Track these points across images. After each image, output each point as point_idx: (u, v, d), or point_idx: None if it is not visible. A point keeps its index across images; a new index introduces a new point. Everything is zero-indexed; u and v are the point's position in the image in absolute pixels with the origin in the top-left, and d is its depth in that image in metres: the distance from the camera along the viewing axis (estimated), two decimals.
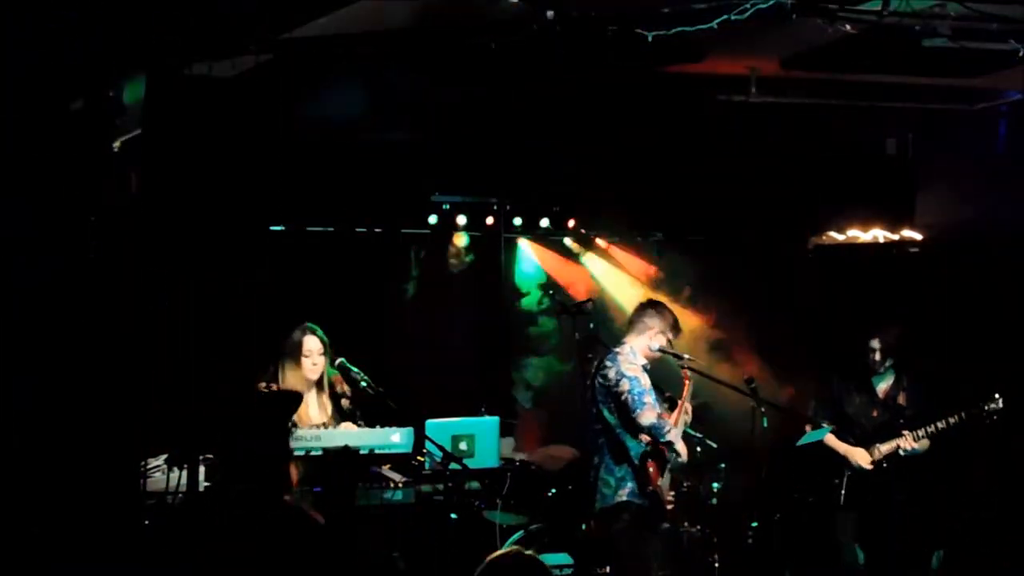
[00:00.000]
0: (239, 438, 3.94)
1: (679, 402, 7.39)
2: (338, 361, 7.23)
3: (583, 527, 7.71)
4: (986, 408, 7.69)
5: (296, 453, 6.86)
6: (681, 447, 7.25)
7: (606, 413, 7.22)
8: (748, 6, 6.05)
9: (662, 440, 7.13)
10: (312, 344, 7.27)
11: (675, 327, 7.47)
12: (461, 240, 9.33)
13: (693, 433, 7.87)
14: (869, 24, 6.43)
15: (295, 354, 7.26)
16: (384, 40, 6.97)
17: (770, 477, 8.88)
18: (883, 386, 7.96)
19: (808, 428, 7.99)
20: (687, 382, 7.37)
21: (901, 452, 7.71)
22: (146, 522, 6.46)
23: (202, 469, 6.55)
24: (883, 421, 7.85)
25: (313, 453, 6.88)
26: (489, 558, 3.83)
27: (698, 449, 8.21)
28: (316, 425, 7.17)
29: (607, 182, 9.08)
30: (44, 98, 6.07)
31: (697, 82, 8.02)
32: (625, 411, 7.13)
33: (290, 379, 7.24)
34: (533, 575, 3.80)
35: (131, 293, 6.32)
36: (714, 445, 8.32)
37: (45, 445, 5.94)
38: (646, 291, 9.13)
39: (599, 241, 9.74)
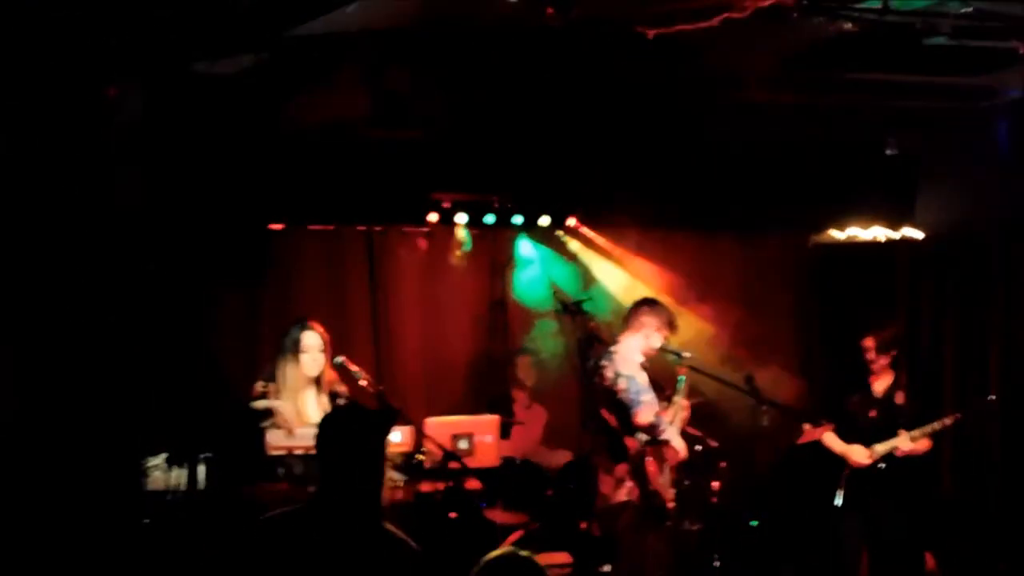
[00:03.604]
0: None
1: (674, 399, 7.40)
2: (337, 360, 7.22)
3: (583, 526, 7.71)
4: (983, 408, 7.69)
5: (296, 452, 6.87)
6: (680, 444, 7.25)
7: (604, 412, 7.22)
8: (748, 6, 6.05)
9: (659, 439, 7.14)
10: (311, 340, 7.26)
11: (671, 324, 7.47)
12: (461, 238, 9.32)
13: (693, 433, 7.88)
14: (870, 23, 6.43)
15: (294, 350, 7.25)
16: (384, 39, 6.97)
17: (770, 477, 8.89)
18: (881, 385, 7.96)
19: (807, 427, 7.99)
20: (684, 380, 7.37)
21: (899, 452, 7.70)
22: (146, 522, 6.47)
23: (202, 469, 6.56)
24: (881, 421, 7.85)
25: (313, 452, 6.86)
26: (484, 559, 3.82)
27: (698, 447, 8.21)
28: (315, 424, 7.16)
29: (607, 180, 9.07)
30: (44, 98, 6.08)
31: (697, 82, 8.01)
32: (623, 410, 7.13)
33: (289, 376, 7.23)
34: (528, 575, 3.79)
35: (131, 292, 6.32)
36: (714, 444, 8.32)
37: (45, 445, 5.95)
38: (646, 289, 9.12)
39: (599, 239, 9.73)
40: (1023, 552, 8.40)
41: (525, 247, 9.61)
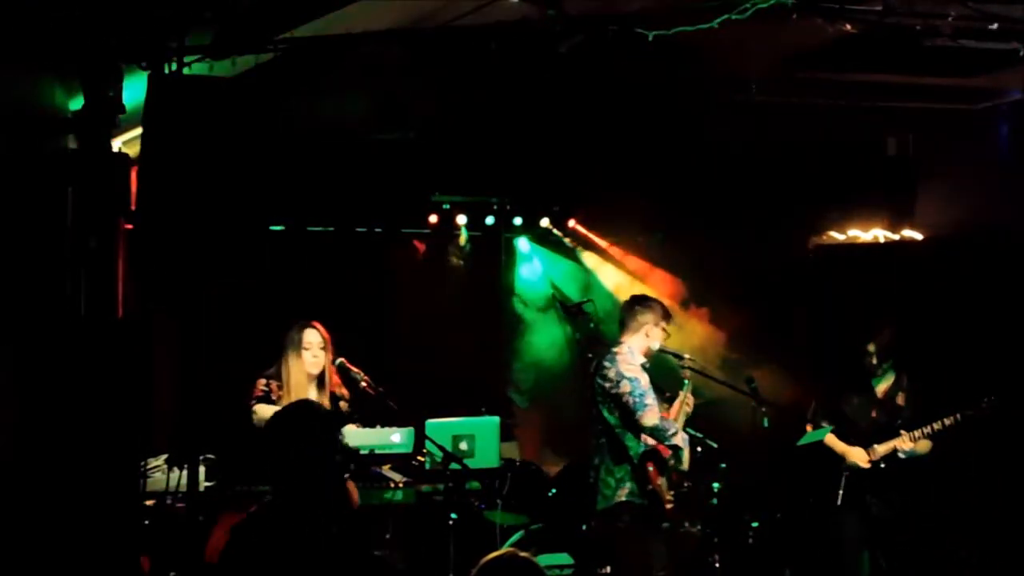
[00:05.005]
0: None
1: (676, 402, 7.39)
2: (337, 361, 7.22)
3: (583, 527, 7.71)
4: (983, 409, 7.68)
5: None
6: (686, 456, 7.23)
7: (606, 413, 7.21)
8: (748, 6, 6.05)
9: (666, 443, 7.12)
10: (313, 337, 7.27)
11: (666, 316, 7.44)
12: (461, 240, 9.33)
13: (693, 433, 7.87)
14: (869, 24, 6.43)
15: (296, 347, 7.26)
16: (384, 40, 6.97)
17: (770, 477, 8.89)
18: (881, 386, 7.95)
19: (808, 428, 7.99)
20: (687, 383, 7.36)
21: (900, 454, 7.70)
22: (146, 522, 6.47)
23: (202, 469, 6.56)
24: (881, 422, 7.84)
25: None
26: (484, 560, 3.81)
27: (698, 449, 8.21)
28: None
29: (607, 181, 9.08)
30: (44, 97, 6.08)
31: (697, 82, 8.02)
32: (626, 412, 7.11)
33: (293, 373, 7.24)
34: None
35: (131, 292, 6.32)
36: (714, 445, 8.31)
37: (45, 445, 5.94)
38: (645, 289, 9.12)
39: (599, 240, 9.74)
40: (1023, 552, 8.40)
41: (525, 248, 9.62)
